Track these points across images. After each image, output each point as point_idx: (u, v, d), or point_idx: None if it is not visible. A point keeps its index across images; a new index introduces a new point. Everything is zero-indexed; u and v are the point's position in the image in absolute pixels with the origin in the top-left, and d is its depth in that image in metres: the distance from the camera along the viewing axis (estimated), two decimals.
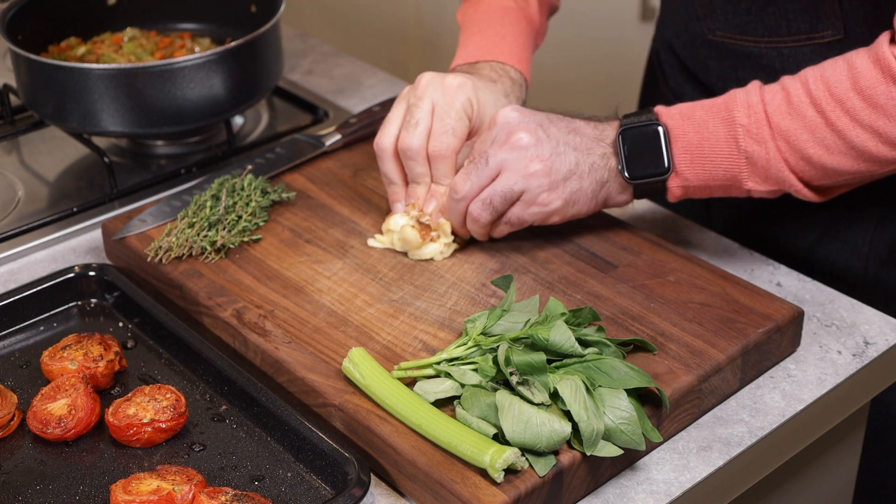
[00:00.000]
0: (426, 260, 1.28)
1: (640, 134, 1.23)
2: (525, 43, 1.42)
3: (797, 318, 1.19)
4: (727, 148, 1.21)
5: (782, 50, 1.34)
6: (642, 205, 1.46)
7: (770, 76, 1.29)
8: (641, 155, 1.23)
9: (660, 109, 1.24)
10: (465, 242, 1.30)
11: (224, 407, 1.15)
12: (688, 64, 1.51)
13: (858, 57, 1.18)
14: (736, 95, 1.22)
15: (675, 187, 1.24)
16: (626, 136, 1.23)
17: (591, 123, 1.26)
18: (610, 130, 1.25)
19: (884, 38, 1.17)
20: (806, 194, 1.23)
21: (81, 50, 1.62)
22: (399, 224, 1.28)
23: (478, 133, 1.30)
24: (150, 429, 1.09)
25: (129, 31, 1.67)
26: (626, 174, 1.23)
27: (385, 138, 1.29)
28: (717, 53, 1.42)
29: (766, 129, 1.19)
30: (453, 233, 1.29)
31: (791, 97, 1.19)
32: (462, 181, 1.24)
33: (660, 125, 1.22)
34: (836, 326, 1.25)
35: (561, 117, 1.25)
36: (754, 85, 1.22)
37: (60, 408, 1.11)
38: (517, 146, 1.21)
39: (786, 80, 1.21)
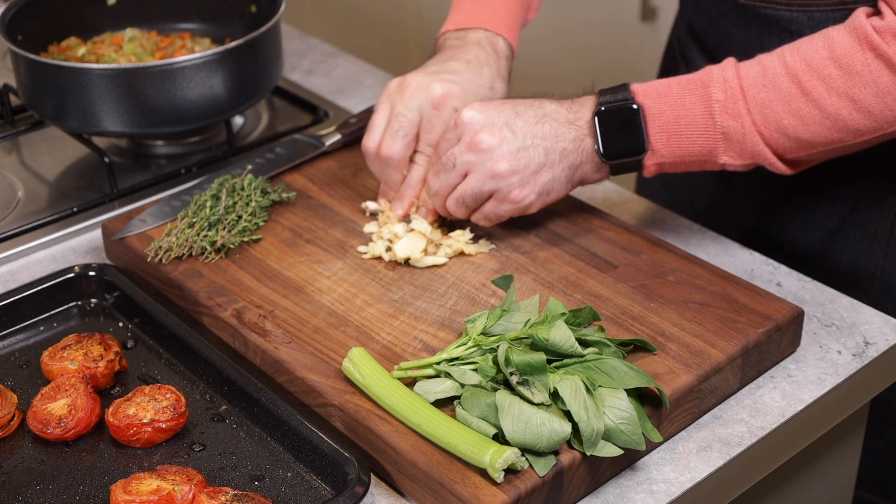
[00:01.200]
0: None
1: (616, 115, 1.22)
2: (515, 13, 1.42)
3: (797, 318, 1.19)
4: (703, 124, 1.21)
5: (813, 14, 1.33)
6: (643, 204, 1.46)
7: None
8: (618, 135, 1.23)
9: (635, 87, 1.24)
10: (448, 224, 1.34)
11: (224, 407, 1.15)
12: (709, 42, 1.49)
13: (835, 30, 1.19)
14: (711, 71, 1.22)
15: (650, 165, 1.24)
16: (602, 117, 1.23)
17: (565, 105, 1.25)
18: (584, 111, 1.24)
19: (860, 11, 1.18)
20: (779, 167, 1.23)
21: (81, 50, 1.62)
22: (401, 240, 1.29)
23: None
24: (150, 429, 1.09)
25: (129, 31, 1.67)
26: (603, 155, 1.23)
27: (370, 142, 1.33)
28: (743, 21, 1.40)
29: (742, 103, 1.20)
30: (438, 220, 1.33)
31: (767, 70, 1.19)
32: (433, 180, 1.28)
33: (635, 104, 1.22)
34: (836, 326, 1.25)
35: (531, 104, 1.25)
36: (730, 61, 1.22)
37: (60, 408, 1.11)
38: (480, 149, 1.22)
39: (762, 56, 1.21)
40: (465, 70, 1.33)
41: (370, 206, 1.35)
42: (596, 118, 1.23)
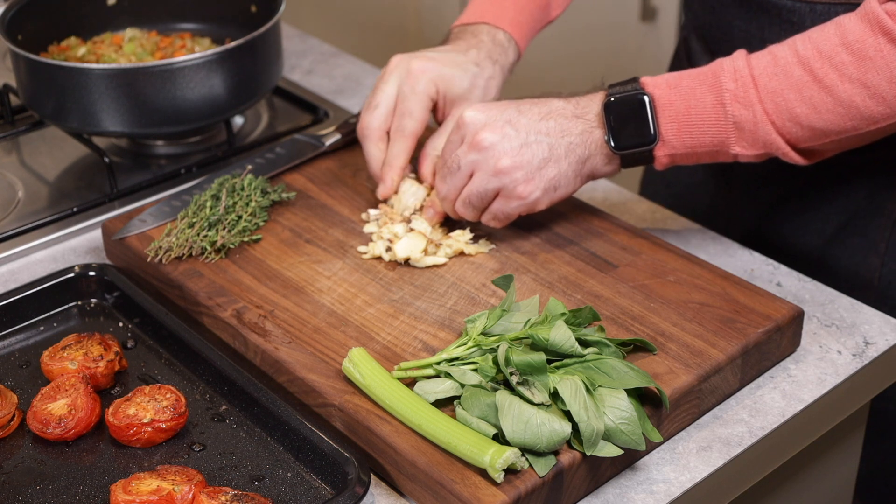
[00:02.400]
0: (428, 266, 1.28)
1: (625, 104, 1.22)
2: (526, 9, 1.43)
3: (797, 318, 1.19)
4: (714, 114, 1.21)
5: (816, 6, 1.33)
6: (643, 204, 1.46)
7: None
8: (627, 125, 1.23)
9: (646, 80, 1.24)
10: (448, 224, 1.34)
11: (224, 407, 1.15)
12: (711, 36, 1.48)
13: (846, 17, 1.18)
14: (722, 63, 1.22)
15: (661, 156, 1.24)
16: (612, 107, 1.23)
17: (572, 101, 1.26)
18: (593, 104, 1.25)
19: None
20: (793, 157, 1.22)
21: (81, 50, 1.62)
22: (401, 241, 1.29)
23: (450, 115, 1.35)
24: (150, 429, 1.09)
25: (129, 31, 1.67)
26: (613, 144, 1.23)
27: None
28: (746, 12, 1.40)
29: (753, 91, 1.19)
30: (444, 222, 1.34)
31: (778, 59, 1.19)
32: (440, 185, 1.28)
33: (645, 94, 1.22)
34: (836, 326, 1.25)
35: (536, 102, 1.25)
36: (740, 52, 1.22)
37: (60, 408, 1.11)
38: (482, 147, 1.23)
39: (773, 46, 1.21)
40: (448, 51, 1.37)
41: (371, 213, 1.35)
42: (605, 108, 1.23)
